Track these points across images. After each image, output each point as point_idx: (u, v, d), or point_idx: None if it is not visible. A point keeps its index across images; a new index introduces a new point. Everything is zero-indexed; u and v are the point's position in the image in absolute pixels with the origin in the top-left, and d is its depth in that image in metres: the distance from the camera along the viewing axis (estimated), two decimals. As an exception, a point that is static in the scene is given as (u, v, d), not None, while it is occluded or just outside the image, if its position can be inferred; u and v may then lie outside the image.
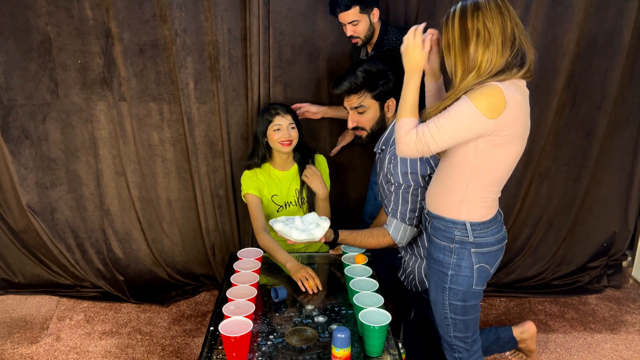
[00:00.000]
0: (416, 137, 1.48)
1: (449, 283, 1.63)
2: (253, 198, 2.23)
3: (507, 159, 1.53)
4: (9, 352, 2.37)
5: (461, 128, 1.44)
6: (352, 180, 2.73)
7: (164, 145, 2.65)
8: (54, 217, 2.72)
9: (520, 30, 1.45)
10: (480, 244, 1.60)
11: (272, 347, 1.56)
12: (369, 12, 2.18)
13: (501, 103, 1.41)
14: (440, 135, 1.45)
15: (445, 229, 1.62)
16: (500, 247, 1.66)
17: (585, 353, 2.39)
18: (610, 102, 2.62)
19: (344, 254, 2.00)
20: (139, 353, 2.37)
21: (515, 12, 1.46)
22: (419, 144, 1.48)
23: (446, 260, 1.62)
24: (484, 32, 1.41)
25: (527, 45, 1.47)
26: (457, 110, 1.43)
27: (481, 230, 1.60)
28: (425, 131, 1.47)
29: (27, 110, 2.56)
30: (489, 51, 1.42)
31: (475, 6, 1.42)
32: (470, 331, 1.71)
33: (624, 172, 2.82)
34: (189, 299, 2.81)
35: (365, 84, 1.92)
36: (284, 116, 2.17)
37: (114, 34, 2.43)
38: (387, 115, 1.99)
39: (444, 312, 1.68)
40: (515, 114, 1.44)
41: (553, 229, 2.86)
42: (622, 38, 2.51)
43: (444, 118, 1.45)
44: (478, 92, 1.42)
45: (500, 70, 1.43)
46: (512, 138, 1.48)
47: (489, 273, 1.65)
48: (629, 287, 2.96)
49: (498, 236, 1.64)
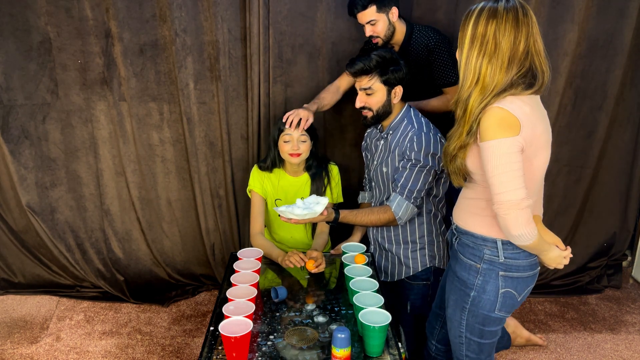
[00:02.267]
0: (506, 216, 1.35)
1: (469, 304, 1.54)
2: (257, 197, 2.24)
3: (537, 169, 1.43)
4: (9, 352, 2.37)
5: (510, 161, 1.32)
6: (352, 180, 2.73)
7: (164, 145, 2.65)
8: (54, 217, 2.72)
9: (538, 49, 1.36)
10: (511, 267, 1.49)
11: (272, 347, 1.56)
12: (387, 11, 2.17)
13: (513, 119, 1.32)
14: (507, 184, 1.32)
15: (474, 246, 1.53)
16: (532, 275, 1.53)
17: (585, 353, 2.39)
18: (611, 102, 2.62)
19: (344, 254, 2.00)
20: (139, 353, 2.37)
21: (537, 29, 1.37)
22: (512, 217, 1.34)
23: (470, 280, 1.52)
24: (492, 43, 1.34)
25: (542, 66, 1.38)
26: (490, 157, 1.33)
27: (513, 250, 1.48)
28: (499, 204, 1.35)
29: (27, 110, 2.56)
30: (491, 64, 1.34)
31: (493, 13, 1.34)
32: (484, 354, 1.62)
33: (624, 172, 2.82)
34: (189, 299, 2.81)
35: (377, 68, 1.98)
36: (296, 127, 2.16)
37: (113, 34, 2.43)
38: (393, 101, 2.05)
39: (460, 330, 1.60)
40: (530, 125, 1.35)
41: (554, 230, 2.80)
42: (623, 38, 2.50)
43: (491, 175, 1.35)
44: (485, 128, 1.34)
45: (504, 88, 1.35)
46: (537, 148, 1.39)
47: (516, 301, 1.54)
48: (629, 287, 2.96)
49: (531, 260, 1.51)
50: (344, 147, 2.67)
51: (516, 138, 1.32)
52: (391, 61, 1.99)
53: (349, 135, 2.64)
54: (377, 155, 2.18)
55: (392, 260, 2.21)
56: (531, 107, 1.37)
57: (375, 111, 2.06)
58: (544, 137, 1.40)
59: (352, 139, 2.65)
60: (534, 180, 1.44)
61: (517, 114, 1.32)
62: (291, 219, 1.87)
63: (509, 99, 1.34)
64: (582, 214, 2.85)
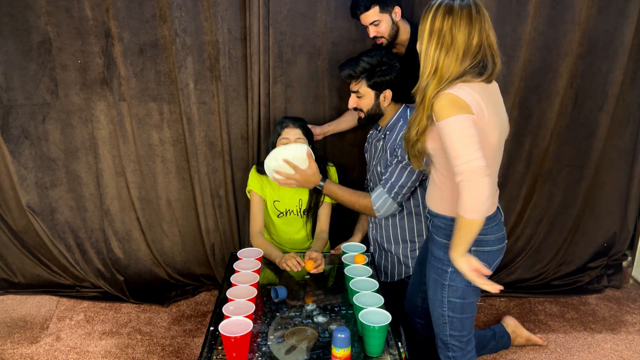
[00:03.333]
0: (468, 184, 1.40)
1: (448, 280, 1.64)
2: (256, 196, 2.26)
3: (486, 151, 1.47)
4: (9, 352, 2.37)
5: (468, 135, 1.41)
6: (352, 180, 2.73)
7: (164, 145, 2.65)
8: (53, 217, 2.72)
9: (491, 42, 1.49)
10: (480, 242, 1.59)
11: (272, 347, 1.56)
12: (390, 11, 2.17)
13: (462, 101, 1.43)
14: (467, 154, 1.39)
15: (446, 227, 1.64)
16: (500, 248, 1.66)
17: (585, 353, 2.39)
18: (612, 102, 2.62)
19: (344, 254, 2.00)
20: (139, 353, 2.37)
21: (490, 24, 1.48)
22: (475, 184, 1.40)
23: (446, 257, 1.61)
24: (448, 37, 1.44)
25: (494, 58, 1.50)
26: (450, 133, 1.42)
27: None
28: (461, 173, 1.41)
29: (27, 110, 2.56)
30: (448, 57, 1.45)
31: (449, 9, 1.45)
32: (466, 330, 1.72)
33: (624, 172, 2.81)
34: (189, 299, 2.81)
35: (363, 73, 2.04)
36: (292, 130, 2.17)
37: (113, 34, 2.43)
38: (382, 104, 2.10)
39: (442, 310, 1.69)
40: (478, 108, 1.45)
41: (554, 230, 2.86)
42: (623, 38, 2.50)
43: (451, 148, 1.42)
44: (438, 109, 1.44)
45: (457, 77, 1.46)
46: (487, 132, 1.49)
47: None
48: (629, 287, 2.96)
49: (498, 235, 1.64)
50: (344, 147, 2.67)
51: (470, 116, 1.43)
52: (380, 65, 2.02)
53: (349, 135, 2.64)
54: (375, 156, 2.20)
55: (392, 260, 2.21)
56: (479, 93, 1.47)
57: (365, 113, 2.12)
58: (492, 121, 1.50)
59: (352, 139, 2.65)
60: (489, 151, 1.53)
61: (466, 97, 1.43)
62: (279, 180, 2.01)
63: (459, 86, 1.46)
64: (582, 214, 2.85)
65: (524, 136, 2.66)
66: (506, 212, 2.80)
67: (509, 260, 2.88)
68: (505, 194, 2.76)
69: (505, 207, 2.80)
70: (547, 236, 2.86)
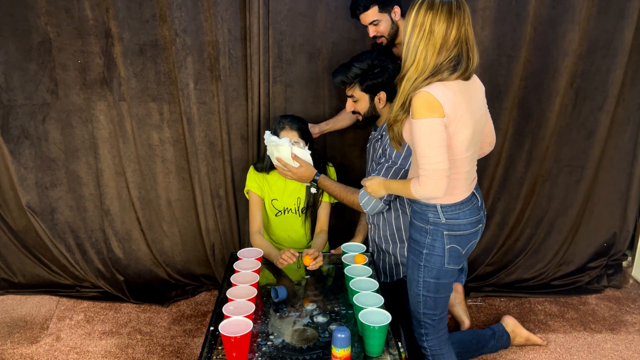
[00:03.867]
0: (427, 180, 1.56)
1: (423, 261, 1.74)
2: (254, 196, 2.26)
3: (458, 145, 1.62)
4: (9, 352, 2.37)
5: (436, 139, 1.54)
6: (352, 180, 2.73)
7: (164, 145, 2.65)
8: (54, 217, 2.72)
9: (469, 38, 1.57)
10: (452, 226, 1.71)
11: (272, 347, 1.56)
12: (390, 11, 2.18)
13: (436, 102, 1.53)
14: (433, 157, 1.54)
15: (421, 212, 1.74)
16: (474, 231, 1.75)
17: (585, 353, 2.39)
18: (612, 102, 2.62)
19: (344, 254, 2.00)
20: (139, 353, 2.37)
21: (470, 20, 1.57)
22: (433, 181, 1.56)
23: (422, 240, 1.74)
24: (428, 30, 1.54)
25: (470, 53, 1.58)
26: (420, 133, 1.55)
27: (452, 212, 1.70)
28: (424, 170, 1.56)
29: (27, 110, 2.56)
30: (426, 49, 1.54)
31: (430, 5, 1.54)
32: (439, 309, 1.82)
33: (624, 172, 2.81)
34: (189, 299, 2.81)
35: (355, 78, 2.08)
36: (289, 131, 2.17)
37: (113, 34, 2.43)
38: (378, 106, 2.13)
39: (418, 289, 1.79)
40: (451, 107, 1.55)
41: (554, 230, 2.86)
42: (623, 38, 2.50)
43: (420, 148, 1.56)
44: (414, 108, 1.55)
45: (432, 72, 1.55)
46: (459, 127, 1.59)
47: (461, 254, 1.75)
48: (629, 287, 2.96)
49: (472, 219, 1.73)
50: (344, 147, 2.67)
51: (441, 119, 1.54)
52: (371, 68, 2.06)
53: (349, 135, 2.64)
54: (373, 156, 2.20)
55: (390, 261, 2.22)
56: (454, 92, 1.57)
57: (362, 115, 2.17)
58: (465, 118, 1.59)
59: (352, 139, 2.65)
60: (457, 153, 1.64)
61: (440, 97, 1.53)
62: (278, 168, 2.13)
63: (436, 84, 1.55)
64: (582, 214, 2.85)
65: (523, 136, 2.66)
66: (506, 212, 2.80)
67: (508, 261, 2.87)
68: (505, 194, 2.77)
69: (505, 207, 2.80)
70: (547, 236, 2.86)
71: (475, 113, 1.65)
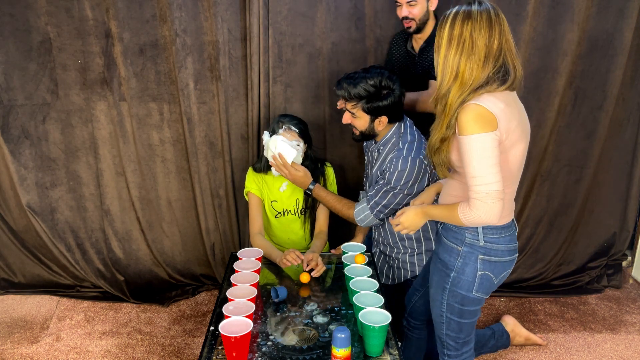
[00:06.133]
0: (480, 203, 1.43)
1: (449, 285, 1.62)
2: (254, 197, 2.25)
3: (514, 159, 1.51)
4: (9, 352, 2.37)
5: (489, 156, 1.41)
6: (351, 180, 2.73)
7: (164, 145, 2.65)
8: (54, 217, 2.72)
9: (509, 47, 1.46)
10: (490, 251, 1.57)
11: (272, 347, 1.56)
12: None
13: (489, 115, 1.41)
14: (486, 177, 1.42)
15: (457, 230, 1.60)
16: (510, 260, 1.62)
17: (585, 353, 2.39)
18: (611, 102, 2.62)
19: (344, 254, 2.00)
20: (139, 353, 2.37)
21: (508, 28, 1.46)
22: (487, 205, 1.43)
23: (451, 262, 1.61)
24: (469, 42, 1.43)
25: (514, 62, 1.47)
26: (471, 151, 1.42)
27: (493, 235, 1.56)
28: (476, 192, 1.43)
29: (27, 110, 2.56)
30: (469, 62, 1.43)
31: (467, 14, 1.44)
32: (464, 333, 1.70)
33: (624, 172, 2.82)
34: (189, 299, 2.81)
35: (361, 99, 1.94)
36: (288, 131, 2.15)
37: (114, 34, 2.43)
38: (377, 127, 2.02)
39: (441, 310, 1.68)
40: (505, 119, 1.44)
41: (554, 230, 2.86)
42: (623, 38, 2.50)
43: (470, 167, 1.43)
44: (463, 123, 1.42)
45: (480, 85, 1.44)
46: (513, 141, 1.48)
47: (492, 283, 1.62)
48: (629, 287, 2.96)
49: (510, 246, 1.60)
50: (344, 147, 2.67)
51: (495, 132, 1.42)
52: (379, 91, 1.92)
53: (349, 135, 2.62)
54: (374, 163, 2.16)
55: (393, 264, 2.21)
56: (505, 103, 1.45)
57: (359, 131, 2.07)
58: (519, 130, 1.48)
59: (351, 139, 2.63)
60: (511, 171, 1.53)
61: (493, 109, 1.41)
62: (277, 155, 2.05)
63: (485, 97, 1.44)
64: (582, 214, 2.85)
65: (523, 136, 2.66)
66: (506, 212, 2.80)
67: (508, 260, 2.88)
68: (505, 193, 2.76)
69: (505, 207, 2.80)
70: (546, 236, 2.86)
71: (525, 125, 1.54)
